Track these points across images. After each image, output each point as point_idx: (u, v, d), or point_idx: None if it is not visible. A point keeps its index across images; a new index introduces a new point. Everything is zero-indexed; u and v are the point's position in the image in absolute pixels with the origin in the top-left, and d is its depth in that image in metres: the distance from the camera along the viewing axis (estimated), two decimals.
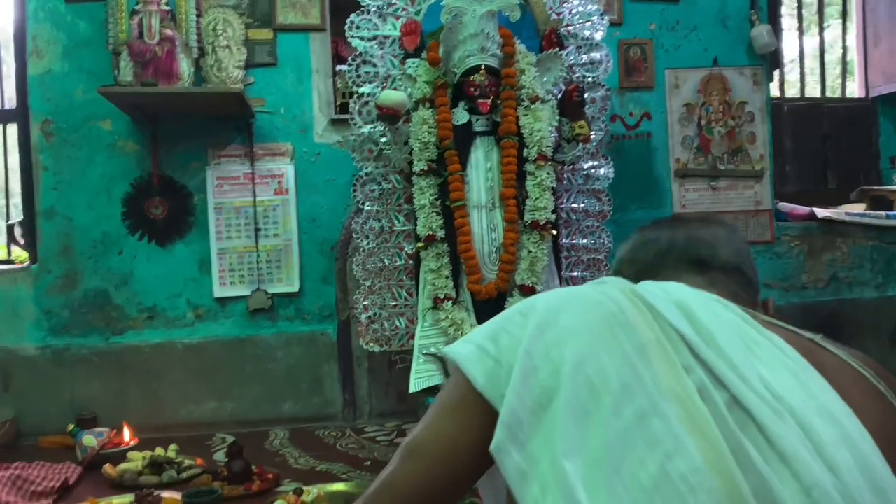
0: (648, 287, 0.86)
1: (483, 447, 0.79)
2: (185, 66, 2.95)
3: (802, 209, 3.63)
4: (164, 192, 3.15)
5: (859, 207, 3.79)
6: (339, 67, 3.26)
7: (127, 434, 2.79)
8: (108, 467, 2.53)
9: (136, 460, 2.57)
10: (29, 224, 3.18)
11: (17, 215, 3.61)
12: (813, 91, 4.38)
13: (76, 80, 3.11)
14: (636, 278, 1.02)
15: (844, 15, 4.40)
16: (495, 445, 0.75)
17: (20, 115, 3.18)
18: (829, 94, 4.46)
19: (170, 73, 2.92)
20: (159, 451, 2.64)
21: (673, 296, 0.83)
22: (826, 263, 3.58)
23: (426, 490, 0.82)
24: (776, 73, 3.87)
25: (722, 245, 0.99)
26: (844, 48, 4.41)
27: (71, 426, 2.78)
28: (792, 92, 4.32)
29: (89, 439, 2.67)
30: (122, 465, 2.55)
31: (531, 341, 0.79)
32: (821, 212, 3.59)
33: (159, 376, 3.14)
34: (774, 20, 3.61)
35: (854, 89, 4.38)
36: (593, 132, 2.67)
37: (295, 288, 3.22)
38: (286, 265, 3.21)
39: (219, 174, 3.18)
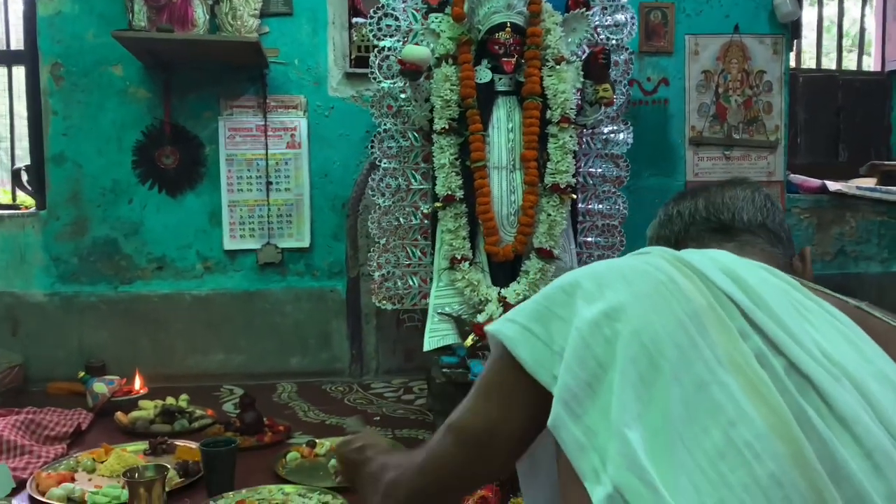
0: (692, 254, 0.85)
1: (529, 428, 0.81)
2: (200, 13, 2.88)
3: (814, 182, 3.63)
4: (175, 141, 3.10)
5: (870, 182, 3.78)
6: (355, 20, 3.20)
7: (137, 382, 2.80)
8: (119, 415, 2.55)
9: (148, 409, 2.59)
10: (37, 169, 3.13)
11: (20, 159, 3.56)
12: (828, 63, 4.34)
13: (87, 23, 3.03)
14: None
15: None
16: (552, 421, 0.75)
17: (28, 57, 3.11)
18: (844, 66, 4.41)
19: (185, 19, 2.85)
20: (170, 400, 2.66)
21: (718, 262, 0.82)
22: (834, 237, 3.60)
23: (470, 470, 0.84)
24: (794, 43, 3.82)
25: (743, 205, 0.98)
26: (863, 20, 4.36)
27: (81, 373, 2.79)
28: (807, 62, 4.29)
29: (100, 387, 2.68)
30: (134, 413, 2.56)
31: (581, 320, 0.78)
32: (832, 185, 3.59)
33: (167, 327, 3.14)
34: None
35: (870, 63, 4.34)
36: (616, 96, 2.64)
37: (305, 243, 3.20)
38: (297, 220, 3.19)
39: (231, 125, 3.14)
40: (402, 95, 2.63)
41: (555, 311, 0.82)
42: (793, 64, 4.03)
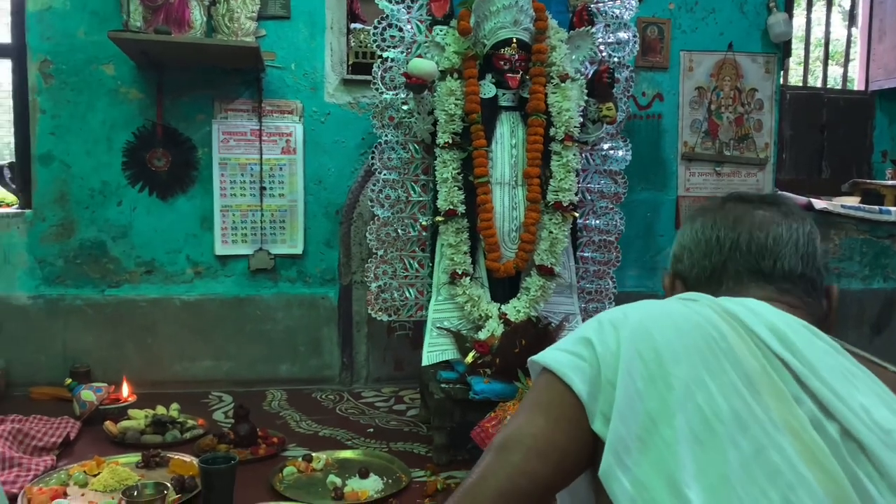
0: (737, 306, 0.85)
1: (576, 449, 0.81)
2: (197, 14, 2.83)
3: (800, 199, 3.68)
4: (167, 143, 3.04)
5: (854, 200, 3.86)
6: (353, 25, 3.17)
7: (125, 390, 2.75)
8: (109, 424, 2.50)
9: (139, 418, 2.55)
10: (22, 168, 3.05)
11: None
12: (813, 80, 4.41)
13: (78, 20, 2.96)
14: (695, 284, 1.01)
15: (853, 6, 4.42)
16: (604, 471, 0.76)
17: (16, 51, 3.02)
18: (829, 78, 4.49)
19: (181, 20, 2.79)
20: (161, 409, 2.62)
21: (764, 318, 0.83)
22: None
23: (520, 484, 0.81)
24: (785, 62, 3.87)
25: (786, 252, 0.96)
26: (849, 40, 4.44)
27: (69, 380, 2.73)
28: (793, 79, 4.35)
29: (88, 394, 2.63)
30: (124, 423, 2.52)
31: (630, 361, 0.79)
32: (818, 203, 3.65)
33: (155, 332, 3.09)
34: (789, 8, 3.60)
35: (854, 77, 4.42)
36: (617, 113, 2.65)
37: (298, 250, 3.17)
38: (290, 226, 3.16)
39: (225, 129, 3.08)
40: (405, 107, 2.61)
41: (603, 340, 0.83)
42: (781, 81, 4.09)
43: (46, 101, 2.97)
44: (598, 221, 2.80)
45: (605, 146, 2.80)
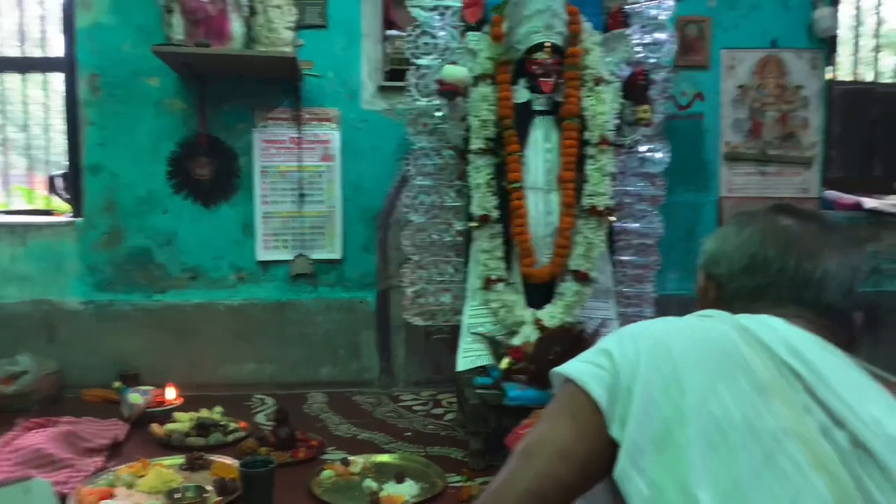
0: (752, 321, 0.88)
1: (597, 454, 0.84)
2: (236, 26, 2.89)
3: (849, 198, 3.58)
4: (210, 152, 3.12)
5: None
6: (389, 32, 3.20)
7: (172, 393, 2.83)
8: (155, 427, 2.58)
9: (184, 421, 2.62)
10: (73, 178, 3.17)
11: (53, 164, 3.60)
12: (864, 69, 4.27)
13: (124, 35, 3.06)
14: (731, 298, 1.01)
15: None
16: (618, 472, 0.80)
17: (67, 65, 3.14)
18: (880, 72, 4.33)
19: (221, 32, 2.86)
20: (205, 412, 2.69)
21: (778, 333, 0.86)
22: (868, 254, 3.55)
23: (545, 486, 0.84)
24: (832, 58, 3.76)
25: (831, 287, 0.95)
26: None
27: (117, 383, 2.83)
28: (844, 72, 4.21)
29: (135, 397, 2.71)
30: (170, 425, 2.59)
31: (647, 370, 0.83)
32: (867, 202, 3.54)
33: (200, 336, 3.17)
34: (835, 1, 3.50)
35: None
36: (654, 114, 2.61)
37: (337, 255, 3.22)
38: (329, 232, 3.20)
39: (265, 137, 3.15)
40: (438, 114, 2.63)
41: (622, 350, 0.87)
42: (828, 76, 3.97)
43: (95, 113, 3.08)
44: (636, 225, 2.77)
45: (643, 149, 2.77)
